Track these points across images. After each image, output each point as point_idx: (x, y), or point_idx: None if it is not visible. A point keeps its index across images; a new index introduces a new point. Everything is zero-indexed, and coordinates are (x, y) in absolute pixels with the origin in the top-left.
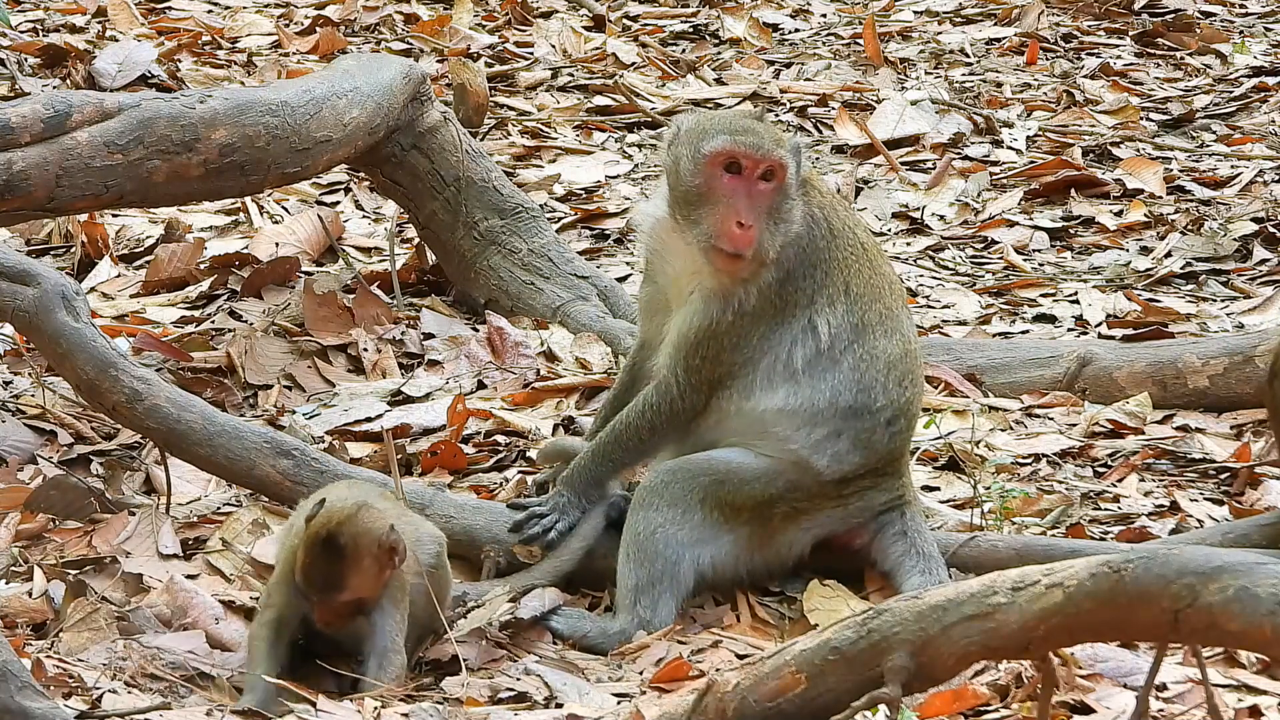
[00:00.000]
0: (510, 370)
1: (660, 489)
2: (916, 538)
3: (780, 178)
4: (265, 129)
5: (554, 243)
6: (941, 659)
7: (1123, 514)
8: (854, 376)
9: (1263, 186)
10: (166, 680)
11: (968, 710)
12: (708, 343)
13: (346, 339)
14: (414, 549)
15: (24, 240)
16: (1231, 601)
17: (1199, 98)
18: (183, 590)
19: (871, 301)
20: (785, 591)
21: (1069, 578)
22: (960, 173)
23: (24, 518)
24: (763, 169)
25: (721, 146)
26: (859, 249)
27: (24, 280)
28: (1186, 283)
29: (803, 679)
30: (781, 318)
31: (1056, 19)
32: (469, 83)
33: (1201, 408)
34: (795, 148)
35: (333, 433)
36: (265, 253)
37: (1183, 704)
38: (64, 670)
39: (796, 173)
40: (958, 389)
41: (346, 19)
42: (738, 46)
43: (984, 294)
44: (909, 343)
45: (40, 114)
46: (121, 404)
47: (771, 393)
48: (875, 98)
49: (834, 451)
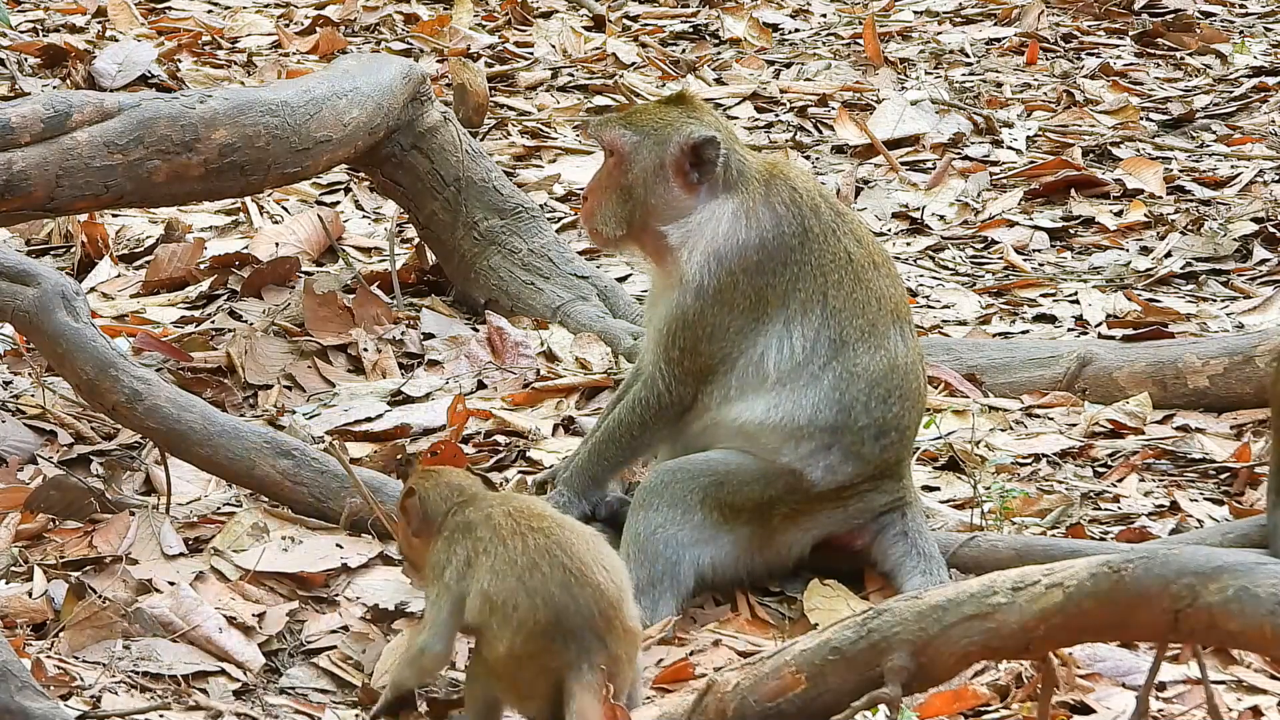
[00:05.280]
0: (510, 370)
1: (660, 489)
2: (917, 538)
3: (617, 154)
4: (265, 129)
5: (554, 243)
6: (941, 659)
7: (1123, 514)
8: (834, 395)
9: (1263, 186)
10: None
11: (968, 710)
12: (681, 333)
13: (346, 339)
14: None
15: (24, 240)
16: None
17: (1199, 98)
18: (187, 597)
19: (852, 316)
20: (785, 591)
21: (1069, 578)
22: (960, 173)
23: (24, 518)
24: (604, 146)
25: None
26: (842, 259)
27: (24, 280)
28: (1186, 283)
29: (803, 679)
30: (756, 314)
31: (1056, 19)
32: (469, 83)
33: (1201, 408)
34: (684, 136)
35: (333, 433)
36: (265, 253)
37: (1183, 704)
38: (64, 670)
39: (675, 158)
40: (958, 389)
41: (346, 19)
42: (738, 46)
43: (984, 294)
44: (896, 359)
45: (40, 114)
46: (121, 404)
47: (752, 403)
48: (875, 98)
49: (826, 464)
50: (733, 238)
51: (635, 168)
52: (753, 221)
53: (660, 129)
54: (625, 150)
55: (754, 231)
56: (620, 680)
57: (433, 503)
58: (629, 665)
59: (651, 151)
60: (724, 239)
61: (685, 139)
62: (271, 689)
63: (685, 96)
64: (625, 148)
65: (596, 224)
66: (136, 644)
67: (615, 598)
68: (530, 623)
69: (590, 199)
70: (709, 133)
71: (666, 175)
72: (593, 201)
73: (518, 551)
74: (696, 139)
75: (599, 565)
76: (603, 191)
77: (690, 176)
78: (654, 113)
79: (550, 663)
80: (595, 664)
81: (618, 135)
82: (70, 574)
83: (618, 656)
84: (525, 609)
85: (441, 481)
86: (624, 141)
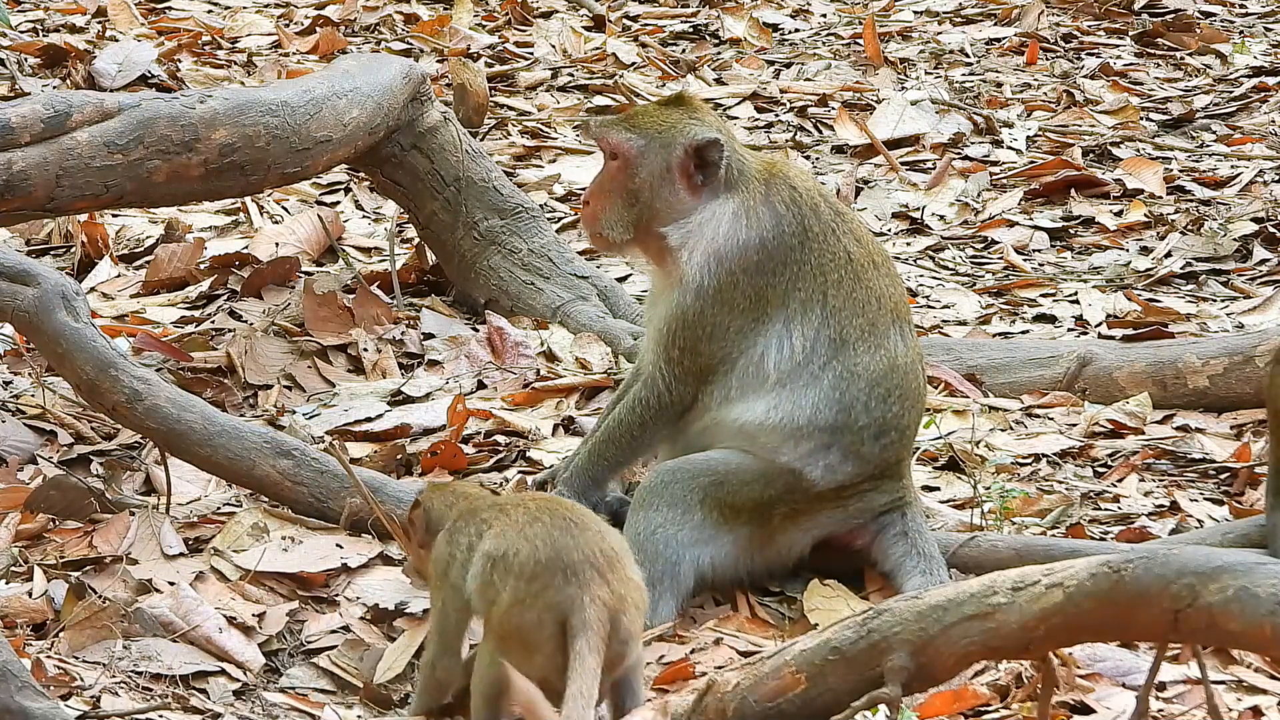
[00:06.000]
0: (510, 370)
1: (660, 489)
2: (917, 538)
3: (622, 158)
4: (265, 129)
5: (554, 243)
6: (941, 659)
7: (1123, 514)
8: (834, 395)
9: (1263, 186)
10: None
11: (968, 710)
12: (681, 333)
13: (346, 339)
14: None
15: (24, 240)
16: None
17: (1199, 98)
18: (187, 597)
19: (852, 315)
20: (785, 591)
21: (1069, 578)
22: (960, 173)
23: (24, 518)
24: (608, 150)
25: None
26: (841, 258)
27: (24, 280)
28: (1186, 283)
29: (803, 679)
30: (756, 314)
31: (1056, 19)
32: (469, 83)
33: (1201, 408)
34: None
35: (333, 433)
36: (265, 253)
37: (1183, 704)
38: (64, 670)
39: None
40: (958, 389)
41: (346, 19)
42: (738, 46)
43: (984, 294)
44: (895, 358)
45: (40, 114)
46: (121, 404)
47: (752, 403)
48: (875, 98)
49: (826, 463)
50: (733, 238)
51: (641, 171)
52: (753, 221)
53: (665, 131)
54: (631, 154)
55: (754, 231)
56: (626, 622)
57: (437, 512)
58: (635, 612)
59: (657, 155)
60: (725, 239)
61: (690, 141)
62: (271, 689)
63: (685, 98)
64: (631, 151)
65: (601, 229)
66: (136, 644)
67: (617, 546)
68: (531, 563)
69: (593, 203)
70: (713, 134)
71: (672, 178)
72: (595, 206)
73: (520, 515)
74: (701, 140)
75: (600, 523)
76: (606, 196)
77: (695, 178)
78: (656, 115)
79: (553, 598)
80: (597, 598)
81: (622, 139)
82: (70, 574)
83: (621, 595)
84: (526, 553)
85: (447, 492)
86: (629, 145)
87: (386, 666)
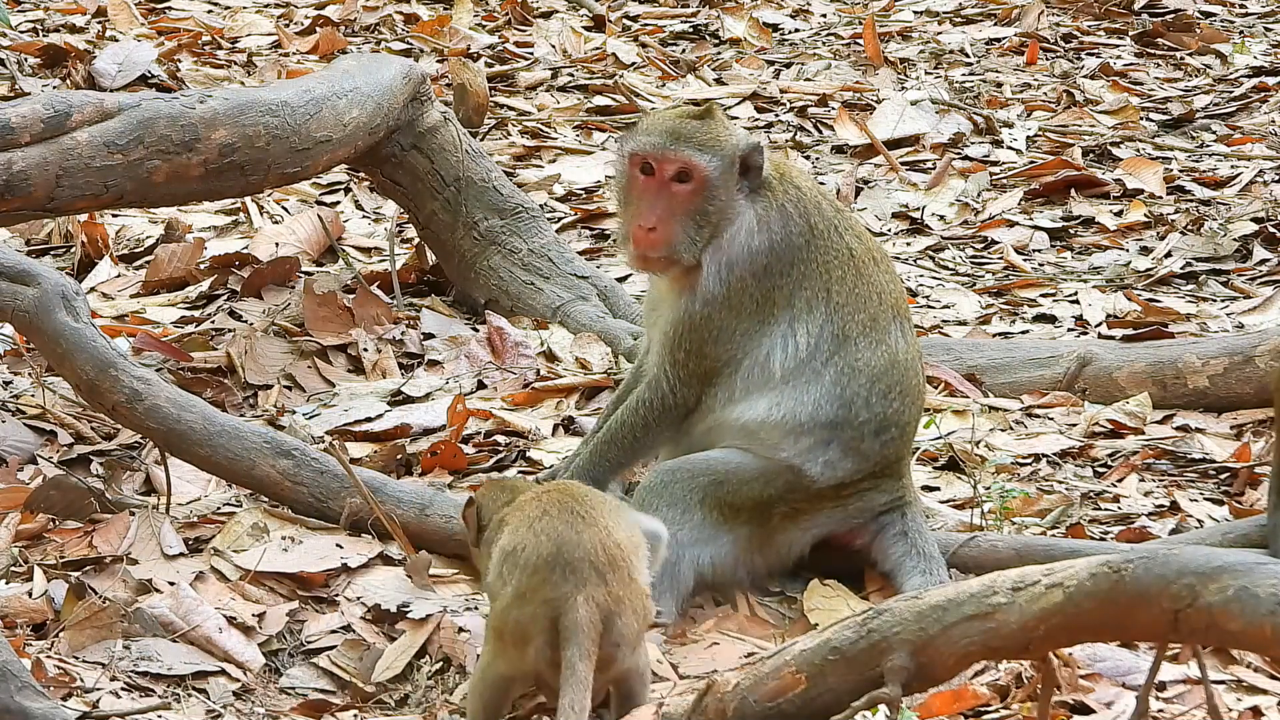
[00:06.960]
0: (510, 370)
1: (659, 489)
2: (917, 538)
3: (697, 179)
4: (265, 129)
5: (554, 243)
6: (941, 659)
7: (1123, 514)
8: (835, 391)
9: (1263, 186)
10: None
11: (968, 710)
12: (688, 336)
13: (346, 339)
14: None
15: (24, 240)
16: (1231, 601)
17: (1199, 98)
18: (187, 597)
19: (854, 311)
20: (785, 591)
21: (1069, 578)
22: (960, 173)
23: (24, 518)
24: (674, 170)
25: (634, 148)
26: (844, 254)
27: (24, 280)
28: (1186, 283)
29: (803, 679)
30: (762, 316)
31: (1056, 19)
32: (469, 83)
33: (1201, 408)
34: (740, 148)
35: (333, 433)
36: (265, 253)
37: (1183, 704)
38: (64, 670)
39: (736, 171)
40: (958, 389)
41: (346, 19)
42: (738, 46)
43: (984, 294)
44: (896, 354)
45: (40, 114)
46: (121, 404)
47: (755, 402)
48: (875, 98)
49: (825, 460)
50: (747, 245)
51: (719, 192)
52: (764, 226)
53: (723, 143)
54: (709, 174)
55: (764, 236)
56: (621, 625)
57: (486, 509)
58: (633, 614)
59: (727, 171)
60: (740, 246)
61: (744, 149)
62: (271, 689)
63: (708, 106)
64: (707, 170)
65: (674, 252)
66: (136, 644)
67: (623, 542)
68: (534, 558)
69: (661, 228)
70: (755, 139)
71: (731, 189)
72: (665, 231)
73: (533, 510)
74: (747, 147)
75: (612, 517)
76: (677, 218)
77: (741, 186)
78: (709, 128)
79: (548, 595)
80: (591, 598)
81: (702, 161)
82: (70, 574)
83: (619, 597)
84: (531, 547)
85: (496, 486)
86: (705, 164)
87: (386, 666)
